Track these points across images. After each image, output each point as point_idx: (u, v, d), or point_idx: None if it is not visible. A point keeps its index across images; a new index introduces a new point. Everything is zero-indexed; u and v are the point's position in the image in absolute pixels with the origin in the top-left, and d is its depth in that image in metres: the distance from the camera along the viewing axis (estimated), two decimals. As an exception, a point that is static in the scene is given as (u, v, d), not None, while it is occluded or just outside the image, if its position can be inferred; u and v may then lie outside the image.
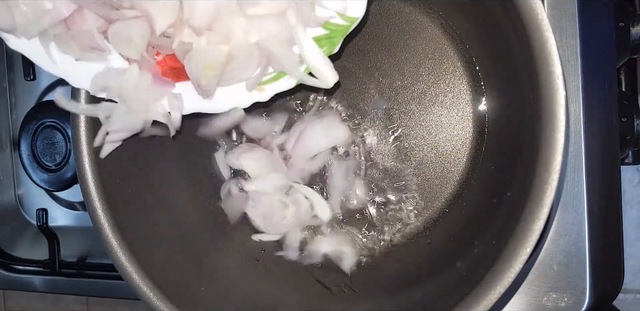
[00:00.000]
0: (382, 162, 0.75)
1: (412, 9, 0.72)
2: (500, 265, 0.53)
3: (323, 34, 0.57)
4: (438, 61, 0.71)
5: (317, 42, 0.57)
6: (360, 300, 0.73)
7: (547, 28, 0.46)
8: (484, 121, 0.71)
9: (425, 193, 0.73)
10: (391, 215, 0.75)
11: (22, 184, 1.06)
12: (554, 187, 0.49)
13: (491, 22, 0.60)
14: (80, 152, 0.64)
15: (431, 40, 0.71)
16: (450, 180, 0.72)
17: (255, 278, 0.74)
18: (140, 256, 0.65)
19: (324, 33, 0.57)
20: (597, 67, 0.72)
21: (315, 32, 0.57)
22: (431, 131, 0.73)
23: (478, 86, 0.70)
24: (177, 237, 0.73)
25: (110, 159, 0.64)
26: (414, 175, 0.74)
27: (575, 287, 0.75)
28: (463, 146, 0.72)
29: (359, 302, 0.72)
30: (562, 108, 0.48)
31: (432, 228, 0.73)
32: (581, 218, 0.74)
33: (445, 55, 0.71)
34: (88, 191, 0.64)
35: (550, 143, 0.49)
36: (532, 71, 0.49)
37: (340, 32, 0.56)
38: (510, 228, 0.53)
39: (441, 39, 0.71)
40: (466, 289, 0.56)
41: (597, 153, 0.73)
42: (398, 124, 0.74)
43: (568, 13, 0.70)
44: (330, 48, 0.57)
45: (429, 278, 0.68)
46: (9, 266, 1.04)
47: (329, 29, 0.56)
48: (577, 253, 0.75)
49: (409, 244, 0.74)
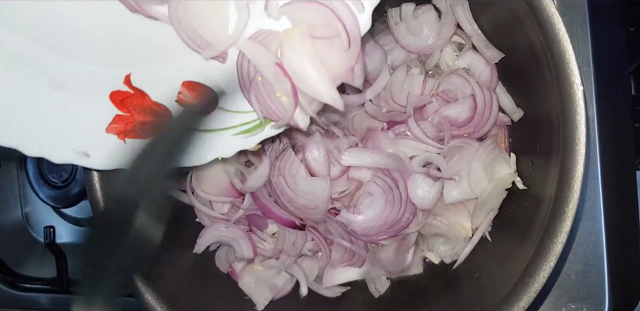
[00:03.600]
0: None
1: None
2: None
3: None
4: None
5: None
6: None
7: (565, 38, 0.45)
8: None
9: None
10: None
11: (29, 202, 1.05)
12: (576, 199, 0.48)
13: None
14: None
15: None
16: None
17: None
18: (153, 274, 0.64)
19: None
20: (610, 73, 0.71)
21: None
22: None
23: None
24: (190, 256, 0.72)
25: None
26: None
27: (594, 297, 0.74)
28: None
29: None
30: (582, 118, 0.47)
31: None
32: (598, 226, 0.73)
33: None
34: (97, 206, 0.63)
35: (571, 154, 0.48)
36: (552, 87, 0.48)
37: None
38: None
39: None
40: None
41: (613, 160, 0.72)
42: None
43: (578, 19, 0.70)
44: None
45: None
46: (16, 285, 1.02)
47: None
48: (595, 262, 0.74)
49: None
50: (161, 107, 0.58)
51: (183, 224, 0.74)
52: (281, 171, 0.66)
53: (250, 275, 0.72)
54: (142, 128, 0.58)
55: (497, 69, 0.67)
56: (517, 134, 0.68)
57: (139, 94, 0.58)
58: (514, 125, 0.68)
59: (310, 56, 0.51)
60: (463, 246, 0.69)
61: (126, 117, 0.58)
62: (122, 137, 0.58)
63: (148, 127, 0.58)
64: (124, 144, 0.58)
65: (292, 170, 0.66)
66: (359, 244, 0.69)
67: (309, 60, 0.51)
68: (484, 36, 0.67)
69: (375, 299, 0.73)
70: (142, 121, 0.58)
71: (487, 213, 0.67)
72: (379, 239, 0.68)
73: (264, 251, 0.72)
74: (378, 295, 0.73)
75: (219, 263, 0.74)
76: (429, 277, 0.73)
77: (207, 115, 0.54)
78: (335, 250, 0.70)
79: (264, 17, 0.52)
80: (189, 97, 0.57)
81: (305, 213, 0.66)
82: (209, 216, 0.73)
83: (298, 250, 0.70)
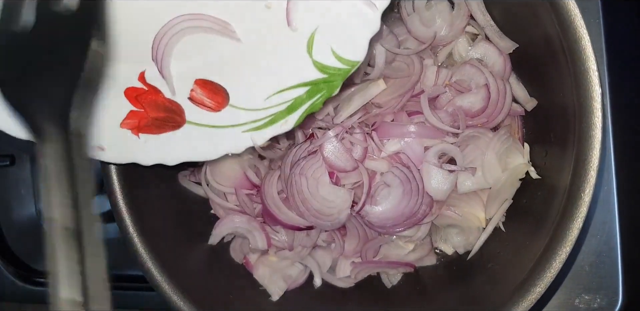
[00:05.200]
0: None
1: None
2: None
3: (321, 78, 0.55)
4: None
5: (315, 86, 0.55)
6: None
7: (581, 24, 0.45)
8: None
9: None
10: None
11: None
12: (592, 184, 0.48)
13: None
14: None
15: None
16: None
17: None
18: (170, 265, 0.64)
19: (322, 77, 0.55)
20: (623, 63, 0.71)
21: (314, 75, 0.55)
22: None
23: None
24: (205, 247, 0.73)
25: (137, 171, 0.64)
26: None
27: (608, 288, 0.74)
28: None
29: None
30: (598, 104, 0.47)
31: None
32: (612, 216, 0.73)
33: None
34: (116, 202, 0.64)
35: (587, 140, 0.48)
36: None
37: (340, 75, 0.54)
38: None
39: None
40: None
41: (626, 151, 0.72)
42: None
43: (591, 10, 0.70)
44: (329, 92, 0.55)
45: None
46: (31, 279, 1.03)
47: (327, 73, 0.55)
48: (608, 252, 0.74)
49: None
50: (174, 104, 0.59)
51: (198, 216, 0.75)
52: (304, 171, 0.66)
53: (264, 266, 0.73)
54: (155, 124, 0.59)
55: (510, 59, 0.67)
56: (531, 123, 0.69)
57: (153, 91, 0.59)
58: (527, 115, 0.69)
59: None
60: (477, 237, 0.70)
61: (140, 113, 0.59)
62: (136, 132, 0.59)
63: (161, 123, 0.59)
64: (138, 139, 0.59)
65: (315, 173, 0.66)
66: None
67: None
68: (497, 27, 0.67)
69: (388, 289, 0.73)
70: (156, 117, 0.59)
71: (500, 203, 0.68)
72: (395, 231, 0.68)
73: (278, 242, 0.72)
74: (391, 286, 0.73)
75: (234, 254, 0.74)
76: (442, 268, 0.73)
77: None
78: (349, 241, 0.71)
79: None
80: (201, 95, 0.58)
81: (315, 217, 0.66)
82: (223, 207, 0.73)
83: (312, 241, 0.70)
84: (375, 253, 0.71)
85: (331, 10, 0.52)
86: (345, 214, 0.66)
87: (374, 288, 0.74)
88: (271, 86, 0.56)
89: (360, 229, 0.69)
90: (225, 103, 0.58)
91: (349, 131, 0.67)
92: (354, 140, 0.66)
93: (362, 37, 0.52)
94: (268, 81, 0.56)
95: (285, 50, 0.55)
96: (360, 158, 0.67)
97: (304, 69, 0.55)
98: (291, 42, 0.55)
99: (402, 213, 0.66)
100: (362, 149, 0.67)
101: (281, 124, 0.57)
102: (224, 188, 0.73)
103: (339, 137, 0.66)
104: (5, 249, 1.04)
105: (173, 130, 0.59)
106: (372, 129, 0.68)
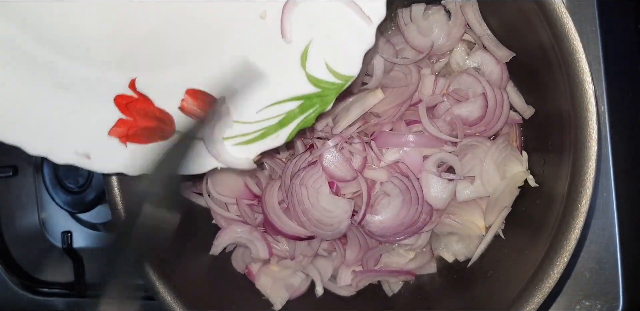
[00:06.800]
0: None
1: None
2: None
3: (314, 92, 0.54)
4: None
5: (308, 100, 0.54)
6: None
7: (575, 36, 0.45)
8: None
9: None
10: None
11: (45, 207, 1.06)
12: (589, 195, 0.49)
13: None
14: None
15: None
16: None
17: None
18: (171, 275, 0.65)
19: (315, 91, 0.54)
20: (620, 70, 0.72)
21: (307, 89, 0.54)
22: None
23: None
24: (207, 257, 0.73)
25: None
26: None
27: (608, 293, 0.74)
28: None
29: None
30: (593, 116, 0.47)
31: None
32: (611, 222, 0.74)
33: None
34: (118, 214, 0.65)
35: (583, 151, 0.48)
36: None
37: (334, 90, 0.53)
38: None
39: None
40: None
41: (625, 157, 0.73)
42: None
43: (588, 18, 0.70)
44: (322, 107, 0.54)
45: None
46: (34, 289, 1.04)
47: (321, 87, 0.54)
48: (608, 258, 0.74)
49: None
50: (164, 114, 0.58)
51: (199, 227, 0.75)
52: (304, 181, 0.66)
53: (267, 275, 0.73)
54: (144, 133, 0.58)
55: (507, 68, 0.68)
56: (529, 132, 0.69)
57: (143, 99, 0.58)
58: (525, 123, 0.69)
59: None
60: (477, 244, 0.70)
61: (129, 121, 0.58)
62: (124, 140, 0.58)
63: (150, 133, 0.58)
64: (125, 148, 0.58)
65: (316, 184, 0.66)
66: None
67: None
68: (494, 36, 0.68)
69: (390, 298, 0.74)
70: (145, 126, 0.58)
71: (499, 211, 0.68)
72: (395, 240, 0.69)
73: (280, 251, 0.72)
74: (392, 294, 0.73)
75: (236, 264, 0.74)
76: (442, 276, 0.74)
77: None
78: (350, 250, 0.71)
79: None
80: (192, 105, 0.57)
81: (316, 227, 0.67)
82: (224, 217, 0.73)
83: (314, 250, 0.71)
84: (376, 261, 0.72)
85: (326, 23, 0.52)
86: (346, 224, 0.66)
87: (375, 296, 0.74)
88: (263, 98, 0.56)
89: (361, 238, 0.70)
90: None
91: (348, 140, 0.67)
92: (353, 150, 0.67)
93: (356, 51, 0.51)
94: (260, 93, 0.56)
95: (278, 63, 0.54)
96: (359, 168, 0.67)
97: (297, 83, 0.54)
98: (285, 54, 0.54)
99: (402, 221, 0.67)
100: (361, 159, 0.67)
101: (272, 139, 0.57)
102: (225, 198, 0.73)
103: (338, 147, 0.66)
104: (8, 258, 1.05)
105: (161, 140, 0.58)
106: (371, 138, 0.68)
